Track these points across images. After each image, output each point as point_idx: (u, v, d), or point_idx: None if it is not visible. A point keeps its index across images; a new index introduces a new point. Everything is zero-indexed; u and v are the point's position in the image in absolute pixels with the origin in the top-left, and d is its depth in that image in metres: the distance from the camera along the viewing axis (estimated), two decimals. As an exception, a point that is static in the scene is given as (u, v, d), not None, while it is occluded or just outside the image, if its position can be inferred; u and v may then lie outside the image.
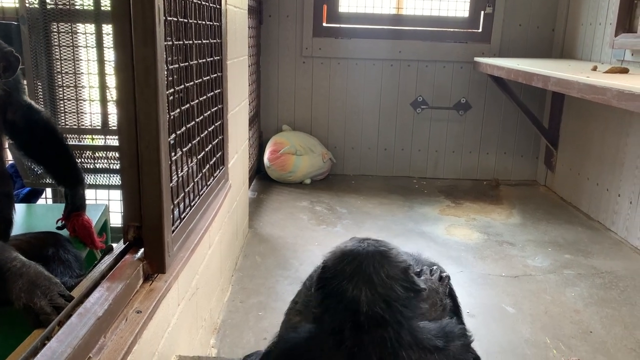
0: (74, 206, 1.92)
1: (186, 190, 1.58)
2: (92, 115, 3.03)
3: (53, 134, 1.85)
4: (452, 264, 2.85)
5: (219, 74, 1.98)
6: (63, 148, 1.88)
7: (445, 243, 3.19)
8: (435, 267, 1.36)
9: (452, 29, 4.31)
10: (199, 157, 1.73)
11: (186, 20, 1.54)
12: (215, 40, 1.91)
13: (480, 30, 4.30)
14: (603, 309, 2.46)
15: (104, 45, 2.90)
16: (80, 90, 2.99)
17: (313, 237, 3.19)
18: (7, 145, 2.07)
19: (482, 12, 4.25)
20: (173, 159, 1.43)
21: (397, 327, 1.01)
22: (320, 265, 1.12)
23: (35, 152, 1.88)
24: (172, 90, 1.42)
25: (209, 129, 1.86)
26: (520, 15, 4.23)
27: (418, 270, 1.34)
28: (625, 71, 2.74)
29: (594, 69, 2.94)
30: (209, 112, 1.85)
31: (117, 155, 2.95)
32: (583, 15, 3.87)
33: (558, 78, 2.70)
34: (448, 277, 1.29)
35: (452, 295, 1.43)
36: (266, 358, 1.11)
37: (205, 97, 1.79)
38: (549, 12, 4.23)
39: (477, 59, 4.06)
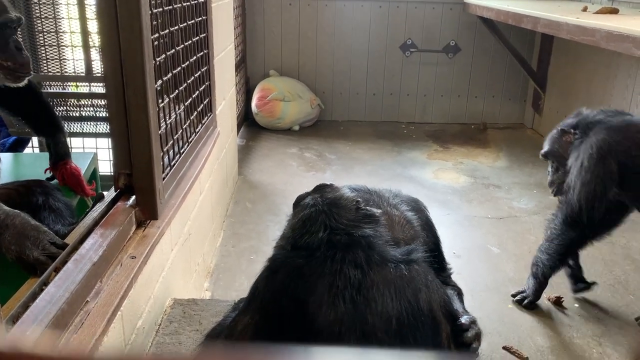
0: (59, 155, 1.89)
1: (175, 137, 1.57)
2: (75, 62, 2.96)
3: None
4: (439, 207, 2.90)
5: (203, 17, 1.94)
6: (36, 96, 1.81)
7: (433, 187, 3.23)
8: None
9: (441, -31, 4.20)
10: (186, 103, 1.72)
11: (168, -39, 1.49)
12: (198, -18, 1.86)
13: (470, -31, 4.19)
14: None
15: (84, -12, 2.79)
16: (61, 35, 2.90)
17: (302, 183, 3.21)
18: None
19: (473, -49, 4.14)
20: (161, 105, 1.42)
21: (364, 248, 1.14)
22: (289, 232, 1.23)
23: (7, 102, 1.82)
24: (157, 34, 1.39)
25: (195, 75, 1.84)
26: (511, -46, 4.13)
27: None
28: (615, 11, 2.71)
29: (585, 9, 2.90)
30: (195, 57, 1.82)
31: (103, 102, 2.91)
32: (575, -47, 3.79)
33: (547, 19, 2.67)
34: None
35: (430, 226, 1.48)
36: (255, 288, 1.16)
37: (190, 41, 1.75)
38: (540, -50, 4.13)
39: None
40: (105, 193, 1.63)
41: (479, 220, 2.81)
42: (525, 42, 4.24)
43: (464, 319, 1.17)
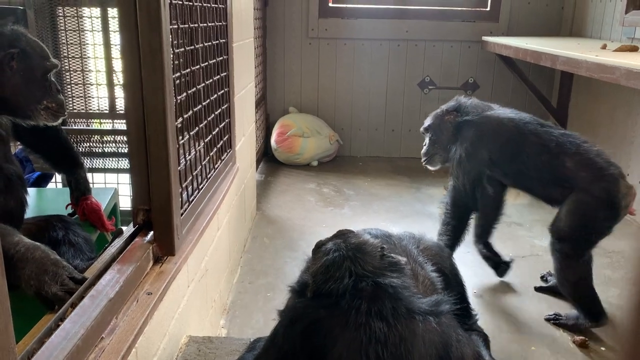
0: (80, 191, 1.92)
1: (194, 173, 1.59)
2: (99, 99, 3.04)
3: None
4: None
5: (224, 56, 1.98)
6: (55, 133, 1.85)
7: (453, 224, 3.19)
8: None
9: (459, 8, 4.26)
10: (206, 140, 1.74)
11: (191, 3, 1.54)
12: (220, 23, 1.91)
13: (488, 8, 4.24)
14: (609, 288, 2.46)
15: (110, 29, 2.89)
16: (87, 74, 2.99)
17: (320, 219, 3.21)
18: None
19: (490, -10, 4.20)
20: (181, 142, 1.44)
21: (391, 299, 1.08)
22: (309, 279, 1.19)
23: (27, 140, 1.87)
24: (178, 74, 1.43)
25: (216, 112, 1.87)
26: (528, -7, 4.18)
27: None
28: (635, 49, 2.70)
29: (604, 47, 2.90)
30: (216, 95, 1.86)
31: (125, 139, 2.96)
32: (593, -8, 3.81)
33: (566, 57, 2.67)
34: None
35: (455, 274, 1.44)
36: (274, 337, 1.13)
37: (211, 80, 1.79)
38: (558, -10, 4.17)
39: (485, 38, 4.01)
40: (124, 228, 1.65)
41: (500, 259, 2.75)
42: (545, 79, 4.24)
43: None
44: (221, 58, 1.94)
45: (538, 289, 2.44)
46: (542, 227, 3.14)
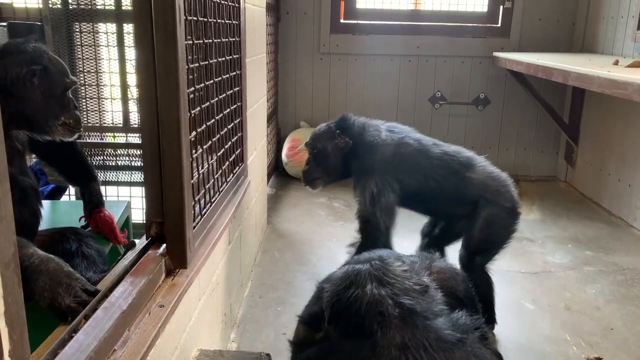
0: (93, 203, 1.94)
1: (207, 186, 1.60)
2: (113, 113, 3.08)
3: None
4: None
5: (237, 72, 2.01)
6: (71, 146, 1.87)
7: (464, 239, 3.17)
8: None
9: (470, 24, 4.28)
10: (218, 154, 1.76)
11: (206, 19, 1.57)
12: (234, 39, 1.93)
13: (499, 24, 4.26)
14: (624, 305, 2.43)
15: (125, 44, 2.94)
16: (102, 88, 3.04)
17: (330, 233, 3.21)
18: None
19: (501, 7, 4.22)
20: (194, 156, 1.45)
21: (421, 326, 1.03)
22: (328, 293, 1.14)
23: (43, 153, 1.89)
24: (192, 88, 1.44)
25: (229, 127, 1.89)
26: (539, 9, 4.18)
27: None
28: (647, 65, 2.69)
29: (616, 63, 2.90)
30: (228, 109, 1.88)
31: (138, 152, 2.99)
32: (604, 8, 3.82)
33: (578, 73, 2.67)
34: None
35: (471, 299, 1.43)
36: None
37: (224, 95, 1.81)
38: (569, 6, 4.17)
39: (496, 53, 4.02)
40: (137, 241, 1.66)
41: (512, 275, 2.73)
42: (557, 94, 4.23)
43: None
44: (234, 73, 1.96)
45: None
46: (555, 243, 3.12)
